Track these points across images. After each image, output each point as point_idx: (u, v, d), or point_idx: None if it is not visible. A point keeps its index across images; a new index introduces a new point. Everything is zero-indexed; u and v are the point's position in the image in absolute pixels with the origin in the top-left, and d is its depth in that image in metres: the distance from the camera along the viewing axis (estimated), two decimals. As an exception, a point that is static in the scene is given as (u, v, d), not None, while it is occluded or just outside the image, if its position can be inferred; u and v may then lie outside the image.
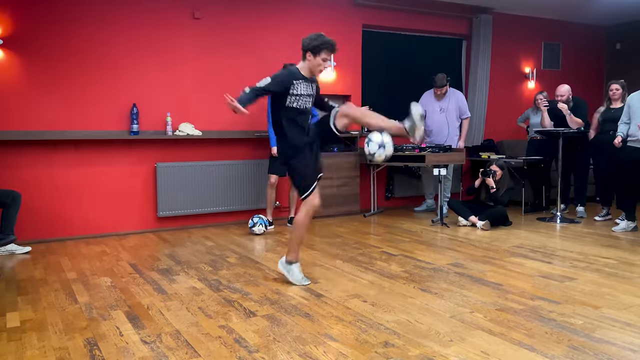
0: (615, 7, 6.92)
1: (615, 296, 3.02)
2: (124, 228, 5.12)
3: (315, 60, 3.21)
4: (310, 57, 3.20)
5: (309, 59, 3.21)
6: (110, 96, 4.98)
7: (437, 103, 5.96)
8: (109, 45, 4.96)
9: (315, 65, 3.23)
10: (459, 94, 6.02)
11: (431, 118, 5.94)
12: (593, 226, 5.27)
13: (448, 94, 5.94)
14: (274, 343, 2.40)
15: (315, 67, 3.24)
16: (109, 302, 3.04)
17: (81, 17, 4.83)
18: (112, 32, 4.96)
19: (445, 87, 5.86)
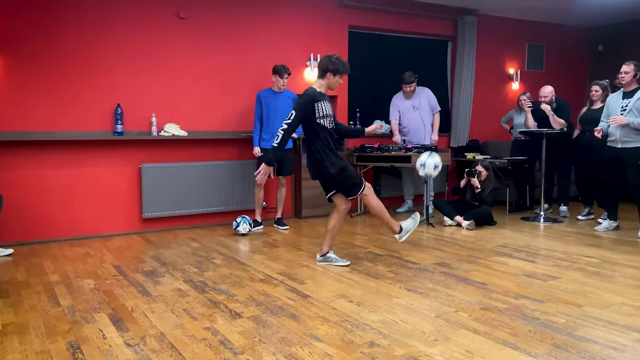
0: (598, 10, 7.02)
1: (597, 295, 3.06)
2: (108, 230, 5.06)
3: (335, 79, 3.65)
4: (331, 77, 3.63)
5: (329, 78, 3.63)
6: (94, 96, 4.93)
7: (408, 102, 6.05)
8: (92, 46, 4.90)
9: (335, 82, 3.67)
10: (427, 91, 6.11)
11: (406, 117, 6.06)
12: (576, 225, 5.33)
13: (417, 92, 6.04)
14: (259, 344, 2.39)
15: (334, 84, 3.69)
16: (92, 305, 3.01)
17: (65, 18, 4.77)
18: (96, 32, 4.91)
19: (413, 85, 5.97)
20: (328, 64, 3.58)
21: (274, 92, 5.17)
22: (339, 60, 3.59)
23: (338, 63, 3.58)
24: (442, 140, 7.04)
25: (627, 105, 4.63)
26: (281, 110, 5.11)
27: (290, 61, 5.88)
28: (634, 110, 4.58)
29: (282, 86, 5.14)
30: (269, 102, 5.13)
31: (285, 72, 5.10)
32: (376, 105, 6.61)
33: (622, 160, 4.71)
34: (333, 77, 3.61)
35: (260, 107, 5.15)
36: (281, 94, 5.17)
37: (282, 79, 5.10)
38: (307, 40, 5.99)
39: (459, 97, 7.00)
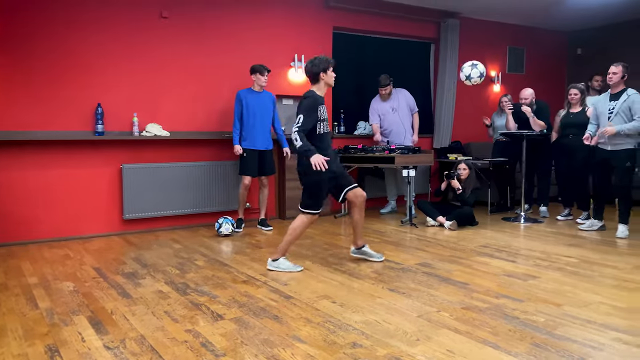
0: (577, 14, 7.15)
1: (576, 294, 3.11)
2: (88, 231, 4.99)
3: (329, 75, 3.65)
4: (324, 76, 3.64)
5: (323, 78, 3.64)
6: (74, 96, 4.86)
7: (387, 104, 6.09)
8: (73, 44, 4.83)
9: (330, 78, 3.67)
10: (405, 92, 6.17)
11: (386, 120, 6.11)
12: (555, 226, 5.42)
13: (395, 94, 6.10)
14: (241, 346, 2.38)
15: (331, 80, 3.68)
16: (71, 307, 2.96)
17: (44, 16, 4.69)
18: (76, 30, 4.84)
19: (389, 87, 6.01)
20: (313, 67, 3.61)
21: (254, 91, 5.14)
22: (319, 58, 3.63)
23: (322, 60, 3.61)
24: (425, 141, 7.10)
25: (614, 108, 4.67)
26: (261, 110, 5.10)
27: (275, 62, 5.88)
28: (621, 112, 4.62)
29: (263, 84, 5.12)
30: (249, 102, 5.10)
31: (265, 70, 5.08)
32: (360, 107, 6.64)
33: (610, 161, 4.76)
34: (326, 74, 3.63)
35: (240, 106, 5.12)
36: (261, 94, 5.15)
37: (263, 77, 5.08)
38: (291, 41, 5.99)
39: (441, 99, 7.06)
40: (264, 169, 5.25)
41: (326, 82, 3.66)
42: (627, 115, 4.61)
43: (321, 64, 3.60)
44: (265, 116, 5.16)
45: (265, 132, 5.18)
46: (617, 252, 4.21)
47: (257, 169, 5.20)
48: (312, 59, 3.64)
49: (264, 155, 5.21)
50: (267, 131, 5.21)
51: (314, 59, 3.63)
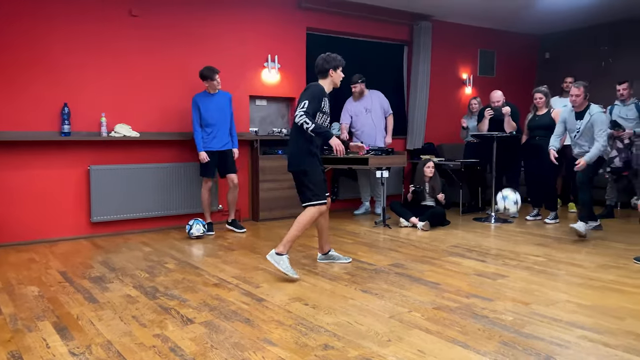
0: (545, 18, 7.31)
1: (544, 293, 3.17)
2: (54, 234, 4.85)
3: (338, 74, 3.64)
4: (333, 73, 3.62)
5: (332, 75, 3.62)
6: (39, 95, 4.72)
7: (361, 105, 6.11)
8: (38, 42, 4.70)
9: (338, 77, 3.66)
10: (379, 94, 6.20)
11: (359, 120, 6.12)
12: (524, 226, 5.52)
13: (369, 95, 6.12)
14: (211, 350, 2.34)
15: (338, 80, 3.66)
16: (35, 313, 2.87)
17: (9, 12, 4.55)
18: (42, 27, 4.71)
19: (359, 85, 6.02)
20: (325, 63, 3.59)
21: (209, 94, 5.04)
22: (332, 55, 3.62)
23: (334, 58, 3.61)
24: (399, 143, 7.14)
25: (580, 127, 4.78)
26: (217, 112, 5.01)
27: (248, 62, 5.84)
28: (586, 131, 4.72)
29: (217, 87, 5.01)
30: (206, 105, 5.00)
31: (215, 73, 4.95)
32: (334, 108, 6.55)
33: None
34: (335, 73, 3.61)
35: (197, 111, 5.00)
36: (216, 95, 5.06)
37: (215, 81, 4.95)
38: (264, 42, 5.96)
39: (414, 101, 7.13)
40: (227, 168, 5.15)
41: (333, 80, 3.65)
42: (591, 133, 4.71)
43: (333, 62, 3.59)
44: (222, 117, 5.07)
45: (224, 133, 5.11)
46: (583, 251, 4.31)
47: (216, 170, 5.13)
48: (325, 55, 3.63)
49: (223, 155, 5.11)
50: (226, 131, 5.13)
51: (327, 55, 3.62)
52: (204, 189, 5.15)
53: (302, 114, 3.41)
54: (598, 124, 4.65)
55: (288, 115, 6.40)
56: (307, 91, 3.54)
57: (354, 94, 6.11)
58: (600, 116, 4.68)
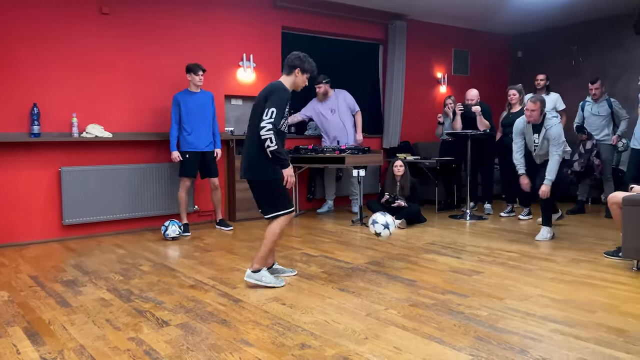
0: (517, 18, 7.44)
1: (517, 288, 3.22)
2: (24, 237, 4.73)
3: (303, 77, 3.38)
4: (299, 74, 3.35)
5: (297, 75, 3.35)
6: (7, 95, 4.59)
7: (326, 106, 6.13)
8: (6, 40, 4.56)
9: (302, 81, 3.39)
10: (344, 93, 6.22)
11: (327, 121, 6.13)
12: (499, 222, 5.61)
13: (334, 95, 6.13)
14: (187, 353, 2.31)
15: (302, 83, 3.40)
16: (5, 318, 2.79)
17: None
18: (8, 25, 4.57)
19: (324, 86, 6.03)
20: (297, 60, 3.33)
21: (191, 92, 5.03)
22: (307, 58, 3.37)
23: (307, 60, 3.36)
24: (375, 141, 7.18)
25: (537, 141, 4.66)
26: (199, 111, 4.99)
27: (223, 61, 5.78)
28: (545, 145, 4.60)
29: (198, 83, 5.00)
30: (187, 103, 4.98)
31: (199, 69, 4.97)
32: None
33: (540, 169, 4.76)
34: (301, 75, 3.35)
35: (178, 110, 4.98)
36: (198, 94, 5.04)
37: (197, 76, 4.96)
38: (240, 41, 5.91)
39: (390, 100, 7.17)
40: (209, 170, 5.16)
41: (296, 81, 3.36)
42: (547, 146, 4.58)
43: (305, 64, 3.34)
44: (205, 116, 5.06)
45: (207, 133, 5.09)
46: (555, 246, 4.40)
47: (197, 171, 5.11)
48: (303, 55, 3.37)
49: (206, 156, 5.11)
50: (209, 132, 5.12)
51: (304, 55, 3.37)
52: (181, 189, 5.10)
53: (269, 128, 3.10)
54: (553, 138, 4.48)
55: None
56: (274, 95, 3.21)
57: (318, 94, 6.09)
58: (555, 129, 4.51)
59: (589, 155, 5.76)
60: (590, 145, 5.79)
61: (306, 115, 6.21)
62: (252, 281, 3.28)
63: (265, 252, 3.30)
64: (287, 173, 3.24)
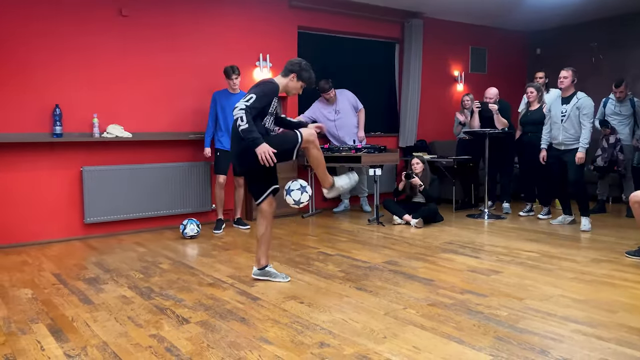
0: (536, 14, 7.35)
1: (537, 288, 3.19)
2: (47, 236, 4.82)
3: (297, 84, 3.34)
4: (294, 79, 3.32)
5: (292, 80, 3.32)
6: (30, 96, 4.68)
7: (331, 108, 6.13)
8: (30, 43, 4.65)
9: (295, 87, 3.36)
10: (347, 93, 6.21)
11: (331, 123, 6.11)
12: (518, 221, 5.56)
13: (337, 96, 6.12)
14: (207, 350, 2.34)
15: (293, 90, 3.38)
16: (29, 315, 2.85)
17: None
18: (33, 29, 4.66)
19: (331, 92, 6.01)
20: (296, 66, 3.31)
21: (228, 92, 5.15)
22: (308, 67, 3.34)
23: (307, 69, 3.33)
24: (391, 140, 7.17)
25: (566, 111, 4.88)
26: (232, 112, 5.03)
27: (239, 61, 5.80)
28: (573, 116, 4.83)
29: (233, 87, 5.10)
30: (222, 103, 5.10)
31: (232, 72, 5.06)
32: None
33: (563, 159, 4.98)
34: (296, 80, 3.32)
35: (214, 108, 5.14)
36: (236, 95, 5.12)
37: (230, 80, 5.07)
38: (256, 40, 5.94)
39: (406, 98, 7.14)
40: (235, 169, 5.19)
41: (288, 86, 3.34)
42: (577, 118, 4.81)
43: (301, 70, 3.31)
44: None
45: None
46: (575, 246, 4.35)
47: (227, 169, 5.18)
48: (305, 63, 3.35)
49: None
50: None
51: (306, 64, 3.35)
52: (216, 186, 5.26)
53: (241, 108, 3.02)
54: (585, 107, 4.77)
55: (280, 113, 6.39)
56: (258, 86, 3.21)
57: (329, 100, 6.06)
58: (588, 100, 4.82)
59: (612, 150, 5.65)
60: (614, 140, 5.67)
61: (310, 117, 6.20)
62: (262, 277, 3.43)
63: (266, 247, 3.44)
64: (260, 150, 3.05)
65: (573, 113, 4.83)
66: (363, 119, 6.27)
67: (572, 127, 4.86)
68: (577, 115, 4.81)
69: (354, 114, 6.20)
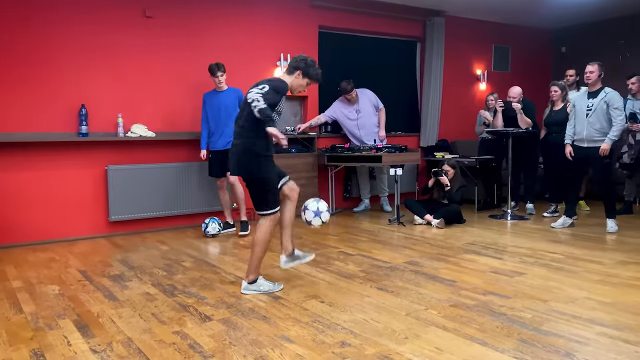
0: (561, 12, 7.22)
1: (562, 290, 3.14)
2: (73, 234, 4.93)
3: (303, 81, 3.28)
4: (299, 77, 3.26)
5: (297, 77, 3.26)
6: (57, 96, 4.79)
7: (351, 107, 6.11)
8: (54, 44, 4.76)
9: (300, 85, 3.29)
10: (367, 92, 6.18)
11: (352, 122, 6.12)
12: (541, 222, 5.47)
13: (358, 95, 6.10)
14: (229, 347, 2.37)
15: (298, 87, 3.30)
16: (56, 311, 2.92)
17: (26, 16, 4.62)
18: (58, 31, 4.77)
19: (353, 92, 6.00)
20: (301, 62, 3.24)
21: (216, 92, 5.01)
22: (313, 63, 3.27)
23: (312, 65, 3.26)
24: (412, 140, 7.12)
25: (592, 105, 4.77)
26: (221, 110, 4.94)
27: (260, 61, 5.86)
28: (599, 110, 4.72)
29: (219, 84, 4.93)
30: (212, 102, 4.99)
31: (217, 70, 4.87)
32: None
33: (588, 159, 4.86)
34: (302, 78, 3.26)
35: (204, 109, 5.04)
36: (223, 92, 4.99)
37: (216, 78, 4.89)
38: (277, 40, 5.97)
39: (428, 98, 7.09)
40: (225, 168, 4.92)
41: (293, 83, 3.26)
42: (604, 112, 4.69)
43: (307, 67, 3.24)
44: (229, 115, 4.91)
45: (229, 131, 4.84)
46: (601, 247, 4.26)
47: (222, 170, 4.99)
48: (310, 60, 3.28)
49: (225, 155, 4.86)
50: (229, 131, 4.79)
51: (312, 60, 3.28)
52: (220, 189, 5.18)
53: (256, 93, 2.96)
54: (616, 101, 4.67)
55: (301, 113, 6.42)
56: (271, 81, 3.16)
57: (351, 100, 6.06)
58: (617, 94, 4.72)
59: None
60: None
61: (330, 116, 6.19)
62: (251, 293, 3.18)
63: (258, 260, 3.21)
64: (272, 131, 2.98)
65: (600, 107, 4.70)
66: (384, 119, 6.25)
67: (598, 121, 4.73)
68: (605, 110, 4.69)
69: (375, 113, 6.19)
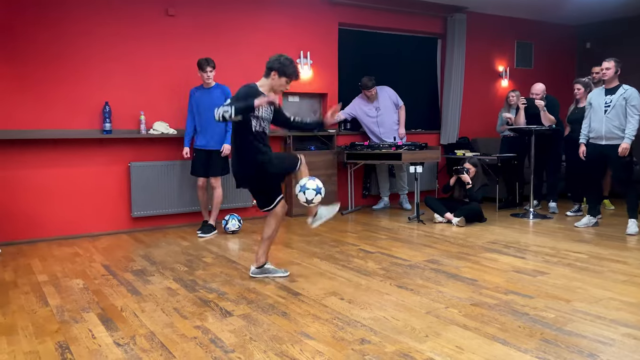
0: (586, 7, 7.08)
1: (586, 290, 3.09)
2: (97, 229, 5.02)
3: (281, 80, 3.28)
4: (275, 77, 3.27)
5: (273, 78, 3.28)
6: (81, 94, 4.88)
7: (371, 105, 6.10)
8: (79, 43, 4.85)
9: (280, 85, 3.30)
10: (387, 89, 6.16)
11: (372, 120, 6.11)
12: (564, 221, 5.38)
13: (378, 92, 6.07)
14: (250, 342, 2.39)
15: (279, 87, 3.32)
16: (81, 305, 2.98)
17: (50, 15, 4.71)
18: (83, 30, 4.85)
19: (373, 89, 5.98)
20: (275, 63, 3.24)
21: (203, 88, 4.92)
22: (288, 61, 3.25)
23: (286, 64, 3.24)
24: (432, 137, 7.07)
25: (610, 102, 4.68)
26: (207, 108, 4.77)
27: (280, 59, 5.86)
28: (618, 107, 4.63)
29: (207, 80, 4.83)
30: (198, 98, 4.90)
31: (207, 64, 4.78)
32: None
33: (606, 157, 4.76)
34: (278, 78, 3.25)
35: (190, 105, 4.96)
36: (210, 89, 4.89)
37: (205, 73, 4.80)
38: (297, 38, 5.98)
39: (448, 95, 7.02)
40: (209, 169, 4.90)
41: (272, 84, 3.28)
42: (623, 108, 4.61)
43: (282, 67, 3.23)
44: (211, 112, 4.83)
45: (211, 131, 4.81)
46: (626, 247, 4.18)
47: (204, 170, 4.91)
48: (282, 55, 3.28)
49: (210, 155, 4.88)
50: (214, 129, 4.80)
51: (283, 56, 3.28)
52: (198, 189, 5.03)
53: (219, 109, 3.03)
54: (634, 98, 4.58)
55: (320, 110, 6.42)
56: (237, 93, 3.24)
57: (370, 97, 6.05)
58: (636, 92, 4.62)
59: None
60: None
61: (350, 114, 6.19)
62: (260, 275, 3.47)
63: (267, 247, 3.48)
64: (259, 101, 3.07)
65: (619, 103, 4.61)
66: (404, 116, 6.22)
67: (616, 118, 4.64)
68: (623, 106, 4.60)
69: (395, 110, 6.17)
